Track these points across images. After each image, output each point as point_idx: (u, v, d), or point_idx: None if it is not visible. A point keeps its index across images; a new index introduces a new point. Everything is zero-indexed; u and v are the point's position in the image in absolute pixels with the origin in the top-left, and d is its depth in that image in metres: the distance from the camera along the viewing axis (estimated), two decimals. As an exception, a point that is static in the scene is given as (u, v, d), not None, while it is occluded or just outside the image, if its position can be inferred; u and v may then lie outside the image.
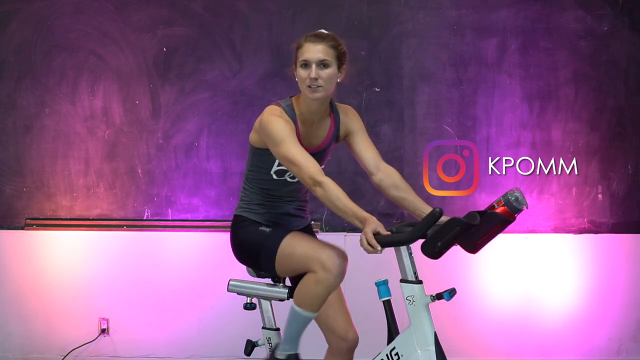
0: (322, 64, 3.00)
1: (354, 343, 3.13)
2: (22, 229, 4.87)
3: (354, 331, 3.13)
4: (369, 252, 2.72)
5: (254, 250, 3.09)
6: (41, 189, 4.91)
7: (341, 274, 2.89)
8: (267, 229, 3.08)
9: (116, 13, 4.93)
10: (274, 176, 3.12)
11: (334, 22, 4.86)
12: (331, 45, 3.01)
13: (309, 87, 3.00)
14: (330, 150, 3.19)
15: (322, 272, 2.86)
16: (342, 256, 2.91)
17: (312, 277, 2.89)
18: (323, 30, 3.09)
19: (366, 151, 3.17)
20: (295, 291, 2.98)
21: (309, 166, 2.88)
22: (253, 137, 3.12)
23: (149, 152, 4.92)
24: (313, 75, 2.97)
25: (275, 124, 2.97)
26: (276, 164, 3.08)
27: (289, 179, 3.12)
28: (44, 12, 4.92)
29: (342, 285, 3.21)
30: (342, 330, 3.12)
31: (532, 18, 4.94)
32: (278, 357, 3.03)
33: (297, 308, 2.94)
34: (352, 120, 3.19)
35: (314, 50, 2.99)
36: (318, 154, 3.10)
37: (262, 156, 3.10)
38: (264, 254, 3.05)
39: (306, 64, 3.00)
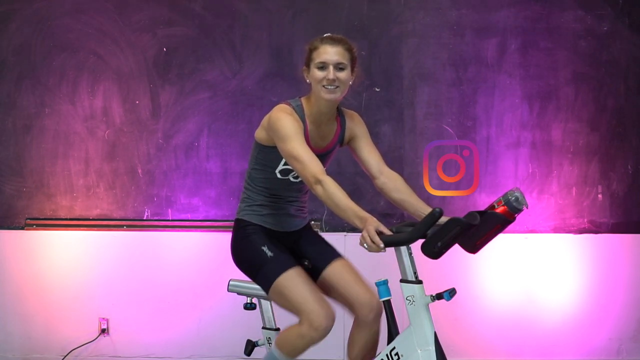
0: (339, 66, 3.04)
1: (381, 310, 3.09)
2: (22, 229, 4.87)
3: (377, 299, 3.08)
4: (371, 251, 2.73)
5: (252, 269, 3.15)
6: (41, 189, 4.91)
7: (326, 333, 2.99)
8: (269, 253, 3.11)
9: (116, 13, 4.93)
10: (279, 175, 3.14)
11: (334, 22, 4.86)
12: (347, 48, 3.08)
13: (325, 87, 3.03)
14: (334, 153, 3.23)
15: (308, 328, 2.97)
16: (331, 316, 3.00)
17: (297, 329, 3.01)
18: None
19: (370, 156, 3.21)
20: (279, 334, 3.12)
21: (312, 165, 2.91)
22: (260, 134, 3.14)
23: (149, 152, 4.92)
24: (331, 76, 3.02)
25: (284, 121, 3.00)
26: (282, 163, 3.10)
27: (292, 179, 3.15)
28: (44, 12, 4.92)
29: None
30: (367, 301, 3.10)
31: (532, 18, 4.94)
32: None
33: (275, 349, 3.08)
34: (357, 126, 3.24)
35: (332, 52, 3.04)
36: (323, 156, 3.13)
37: (268, 154, 3.12)
38: (260, 278, 3.12)
39: (323, 66, 3.04)
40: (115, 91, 4.93)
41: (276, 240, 3.18)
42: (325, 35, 3.12)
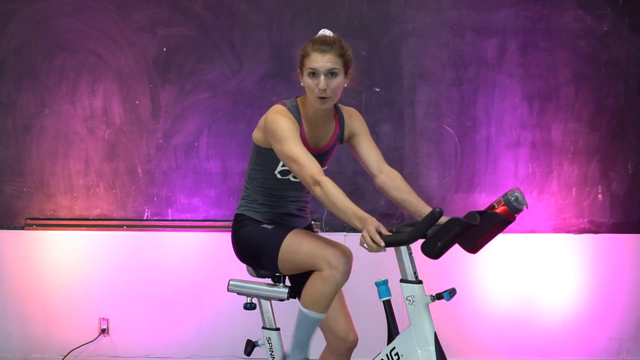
0: (331, 73, 2.99)
1: (353, 344, 3.13)
2: (22, 229, 4.87)
3: (354, 332, 3.13)
4: (371, 251, 2.72)
5: (256, 248, 3.09)
6: (41, 189, 4.91)
7: (347, 271, 2.91)
8: (269, 227, 3.09)
9: (116, 13, 4.93)
10: (278, 176, 3.13)
11: (334, 22, 4.86)
12: (338, 53, 2.99)
13: (317, 97, 3.00)
14: (334, 151, 3.21)
15: (329, 269, 2.88)
16: (348, 253, 2.93)
17: (318, 277, 2.91)
18: (327, 32, 3.07)
19: (369, 153, 3.18)
20: (302, 293, 2.99)
21: (310, 165, 2.89)
22: (257, 135, 3.13)
23: (149, 152, 4.92)
24: (322, 86, 2.97)
25: (280, 122, 2.98)
26: (281, 164, 3.09)
27: (292, 179, 3.14)
28: (44, 12, 4.92)
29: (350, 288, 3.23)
30: (343, 331, 3.12)
31: (532, 18, 4.94)
32: None
33: (305, 310, 2.95)
34: (356, 123, 3.21)
35: (322, 60, 2.97)
36: (322, 155, 3.12)
37: (267, 155, 3.11)
38: (266, 252, 3.06)
39: (314, 74, 2.99)
40: (115, 91, 4.93)
41: None
42: (317, 36, 3.05)
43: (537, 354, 4.83)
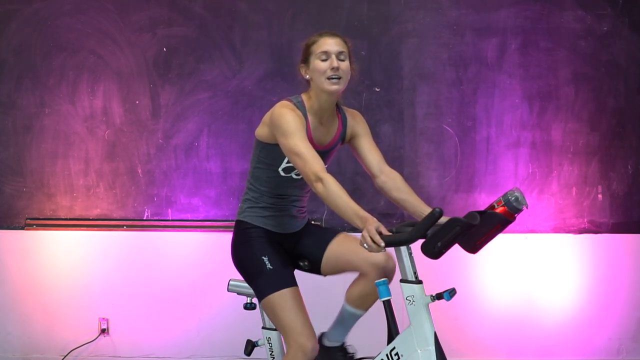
0: (341, 56, 3.09)
1: (394, 269, 3.08)
2: (22, 229, 4.87)
3: (392, 258, 3.07)
4: (371, 251, 2.73)
5: (249, 275, 3.15)
6: (41, 189, 4.91)
7: (313, 355, 3.01)
8: (268, 265, 3.11)
9: (116, 13, 4.93)
10: (282, 173, 3.14)
11: (334, 22, 4.86)
12: (344, 40, 3.13)
13: (329, 78, 3.06)
14: (335, 150, 3.24)
15: (295, 351, 2.99)
16: (314, 343, 3.01)
17: (287, 354, 3.03)
18: None
19: (370, 154, 3.22)
20: None
21: (313, 162, 2.91)
22: (261, 131, 3.14)
23: (149, 152, 4.92)
24: (335, 64, 3.06)
25: (287, 116, 3.02)
26: (285, 160, 3.10)
27: (294, 176, 3.16)
28: (44, 12, 4.92)
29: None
30: (383, 260, 3.08)
31: (532, 18, 4.94)
32: None
33: None
34: (358, 124, 3.26)
35: (332, 43, 3.09)
36: (324, 153, 3.14)
37: (271, 152, 3.12)
38: (255, 287, 3.13)
39: (326, 56, 3.07)
40: (115, 91, 4.93)
41: (278, 246, 3.18)
42: (321, 31, 3.16)
43: (537, 354, 4.83)
